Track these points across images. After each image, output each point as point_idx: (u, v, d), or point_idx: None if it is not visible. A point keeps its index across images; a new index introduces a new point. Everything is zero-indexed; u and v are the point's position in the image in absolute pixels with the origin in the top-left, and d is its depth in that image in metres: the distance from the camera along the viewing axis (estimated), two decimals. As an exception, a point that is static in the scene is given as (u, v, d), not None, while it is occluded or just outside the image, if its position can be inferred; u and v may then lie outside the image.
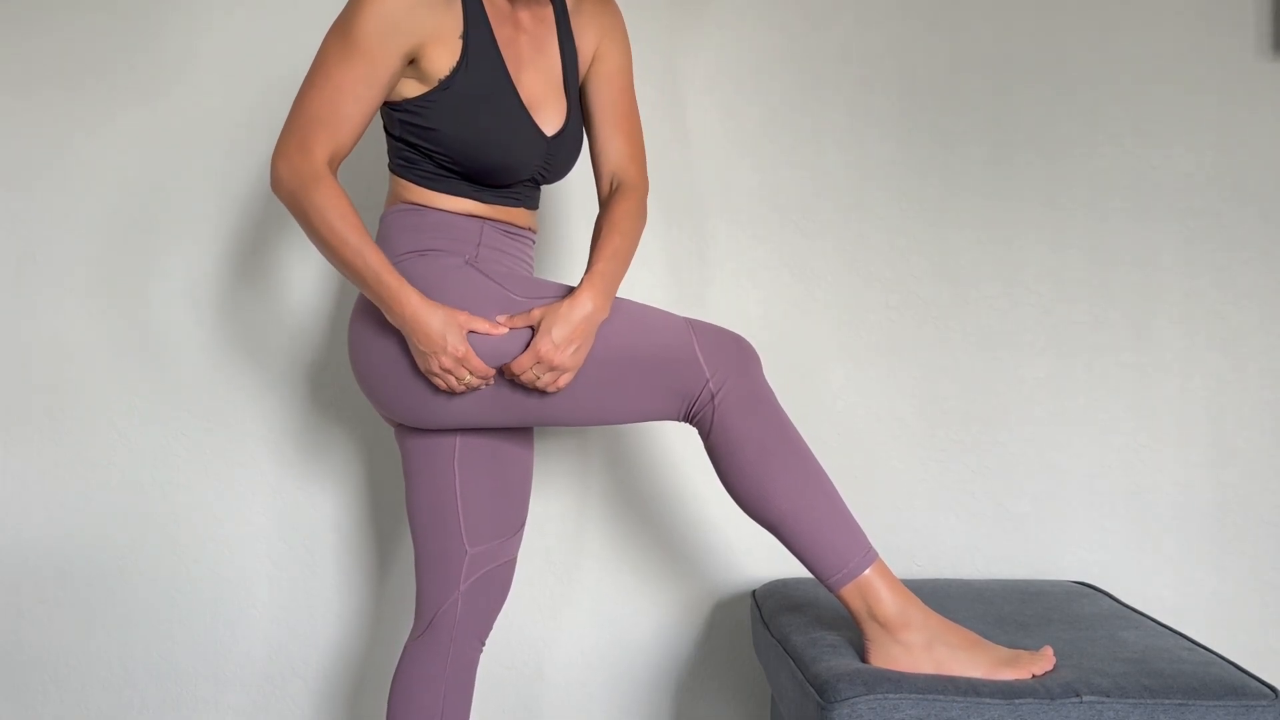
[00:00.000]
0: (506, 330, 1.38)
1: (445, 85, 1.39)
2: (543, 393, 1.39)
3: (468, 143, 1.40)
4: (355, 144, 1.38)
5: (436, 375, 1.37)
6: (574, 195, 1.98)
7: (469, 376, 1.36)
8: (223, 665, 2.01)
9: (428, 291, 1.37)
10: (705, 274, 1.96)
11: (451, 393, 1.39)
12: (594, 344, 1.39)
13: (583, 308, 1.37)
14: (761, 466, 1.39)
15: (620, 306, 1.44)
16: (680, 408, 1.42)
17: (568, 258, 1.98)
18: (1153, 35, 1.94)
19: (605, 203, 1.56)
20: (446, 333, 1.34)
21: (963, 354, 1.96)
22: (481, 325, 1.37)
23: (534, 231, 1.55)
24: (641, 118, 1.73)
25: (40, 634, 2.02)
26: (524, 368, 1.36)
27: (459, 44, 1.40)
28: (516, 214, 1.50)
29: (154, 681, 2.01)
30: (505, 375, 1.38)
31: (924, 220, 1.96)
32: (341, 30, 1.35)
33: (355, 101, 1.35)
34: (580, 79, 1.57)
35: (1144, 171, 1.95)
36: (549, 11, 1.53)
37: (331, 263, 1.38)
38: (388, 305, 1.35)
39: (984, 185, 1.95)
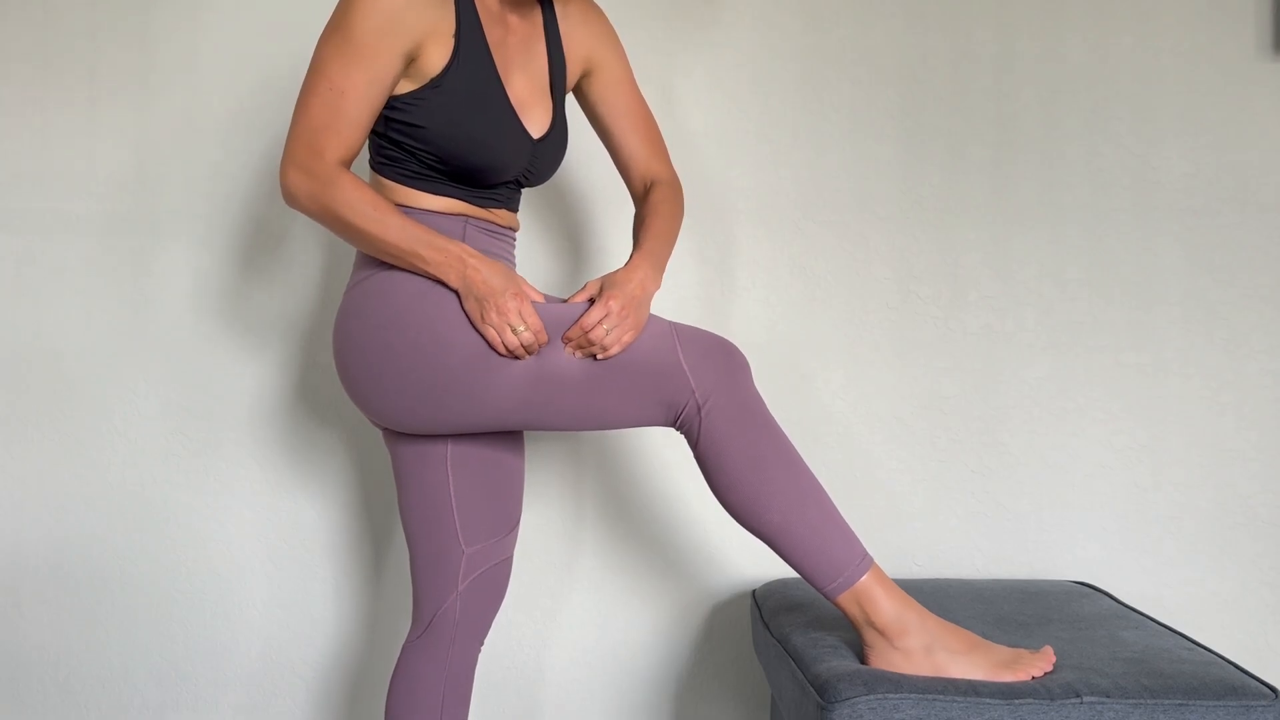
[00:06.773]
0: (554, 300, 1.41)
1: (436, 83, 1.37)
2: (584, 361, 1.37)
3: (455, 141, 1.39)
4: (364, 143, 1.37)
5: (491, 326, 1.34)
6: (562, 195, 1.98)
7: (523, 329, 1.33)
8: (223, 665, 2.01)
9: (400, 310, 1.36)
10: (705, 274, 1.96)
11: (510, 354, 1.35)
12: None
13: (638, 272, 1.42)
14: (751, 480, 1.36)
15: None
16: (668, 416, 1.39)
17: (554, 257, 1.98)
18: (1153, 35, 1.94)
19: (641, 200, 1.59)
20: (507, 282, 1.35)
21: (963, 354, 1.96)
22: (536, 294, 1.40)
23: (515, 230, 1.54)
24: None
25: (40, 634, 2.02)
26: (593, 323, 1.34)
27: (451, 42, 1.38)
28: (498, 214, 1.49)
29: (154, 681, 2.01)
30: (567, 339, 1.36)
31: (924, 220, 1.96)
32: (339, 32, 1.33)
33: (359, 103, 1.33)
34: (568, 85, 1.56)
35: (1144, 171, 1.95)
36: (538, 15, 1.52)
37: (374, 252, 1.37)
38: (445, 268, 1.35)
39: (984, 185, 1.95)
